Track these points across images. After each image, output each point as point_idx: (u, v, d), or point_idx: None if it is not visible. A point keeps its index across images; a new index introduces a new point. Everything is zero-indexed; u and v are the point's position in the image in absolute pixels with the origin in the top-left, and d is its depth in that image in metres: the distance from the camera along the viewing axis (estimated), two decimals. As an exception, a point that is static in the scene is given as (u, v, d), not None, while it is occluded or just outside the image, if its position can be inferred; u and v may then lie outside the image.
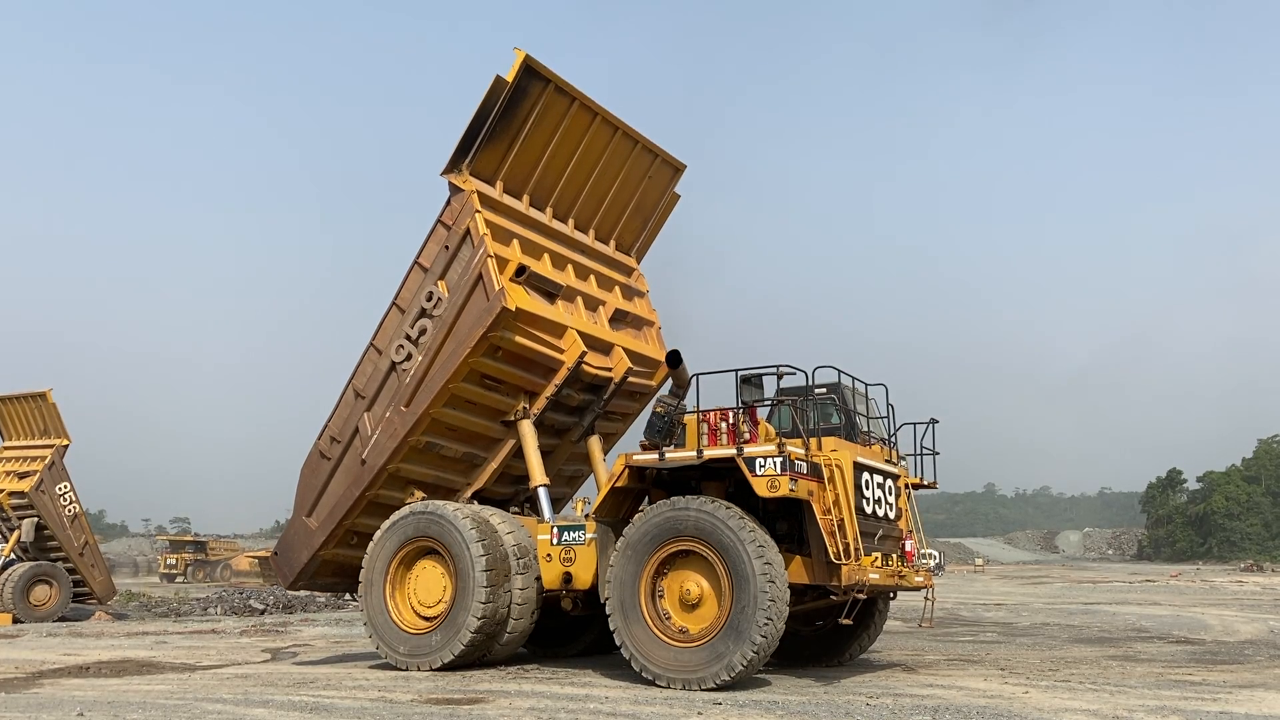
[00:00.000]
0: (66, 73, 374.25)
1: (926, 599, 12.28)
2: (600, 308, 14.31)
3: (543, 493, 13.29)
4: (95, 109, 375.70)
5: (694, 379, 11.75)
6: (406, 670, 12.27)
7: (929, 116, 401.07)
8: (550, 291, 13.40)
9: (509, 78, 12.44)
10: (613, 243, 14.95)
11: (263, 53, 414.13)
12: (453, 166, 12.85)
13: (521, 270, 12.84)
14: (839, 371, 11.87)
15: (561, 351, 13.28)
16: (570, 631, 13.87)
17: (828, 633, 12.76)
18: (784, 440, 10.67)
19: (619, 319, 14.60)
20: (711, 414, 11.40)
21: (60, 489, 27.16)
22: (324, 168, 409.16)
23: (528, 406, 13.55)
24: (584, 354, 13.28)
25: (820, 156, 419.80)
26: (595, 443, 14.46)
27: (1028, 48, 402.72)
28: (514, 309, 12.44)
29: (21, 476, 26.79)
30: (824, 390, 11.96)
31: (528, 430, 13.51)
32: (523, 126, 12.92)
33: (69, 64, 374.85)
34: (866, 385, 12.42)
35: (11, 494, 26.50)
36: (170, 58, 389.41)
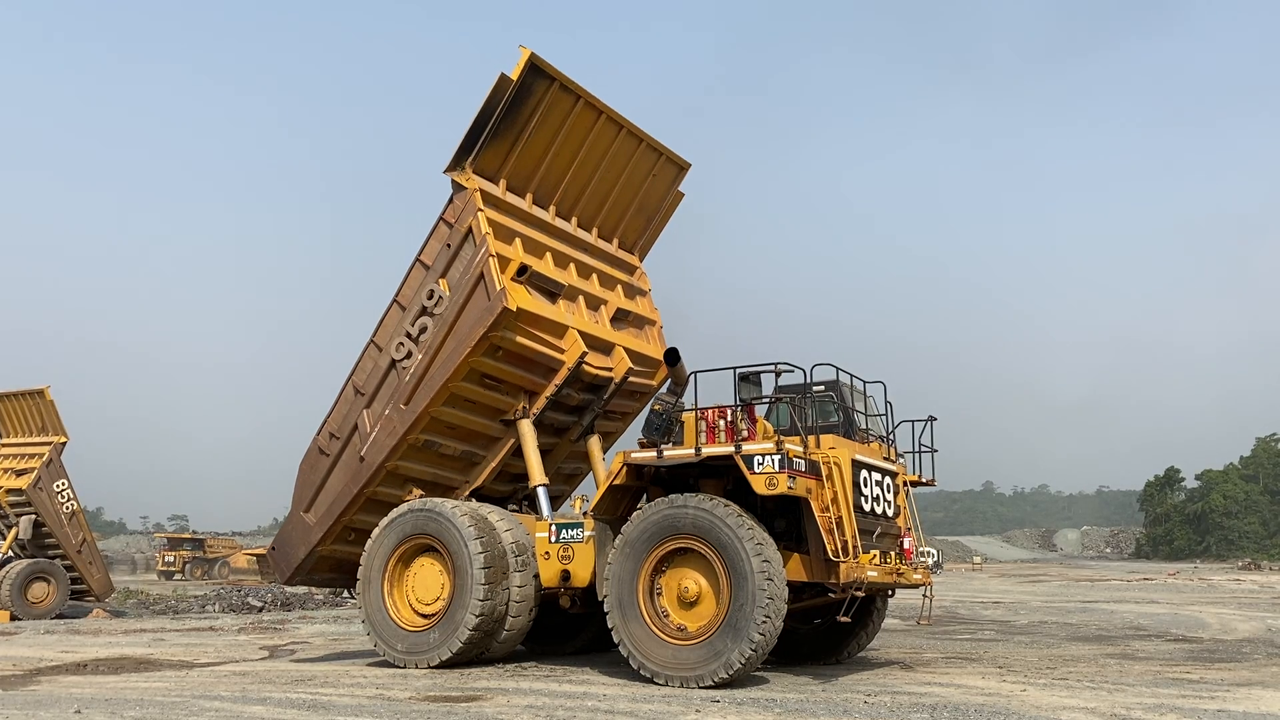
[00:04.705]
0: (68, 68, 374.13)
1: (925, 597, 12.27)
2: (602, 307, 14.26)
3: (542, 492, 13.25)
4: (94, 105, 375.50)
5: (692, 376, 11.75)
6: (404, 668, 12.27)
7: (931, 115, 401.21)
8: (552, 291, 13.34)
9: (514, 75, 12.34)
10: (616, 241, 14.89)
11: (265, 50, 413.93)
12: (456, 164, 12.77)
13: (523, 270, 12.78)
14: (837, 369, 11.88)
15: (562, 351, 13.21)
16: (568, 629, 13.87)
17: (826, 630, 12.77)
18: (782, 438, 10.67)
19: (621, 318, 14.54)
20: (710, 412, 11.40)
21: (58, 486, 27.14)
22: (325, 166, 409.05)
23: (527, 406, 13.50)
24: (584, 354, 13.22)
25: (821, 153, 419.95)
26: (595, 442, 14.42)
27: (1037, 61, 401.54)
28: (515, 309, 12.38)
29: (19, 474, 26.76)
30: (822, 388, 11.96)
31: (527, 429, 13.48)
32: (527, 125, 12.83)
33: (70, 60, 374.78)
34: (865, 383, 12.43)
35: (9, 491, 26.47)
36: (172, 54, 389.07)
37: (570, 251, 13.94)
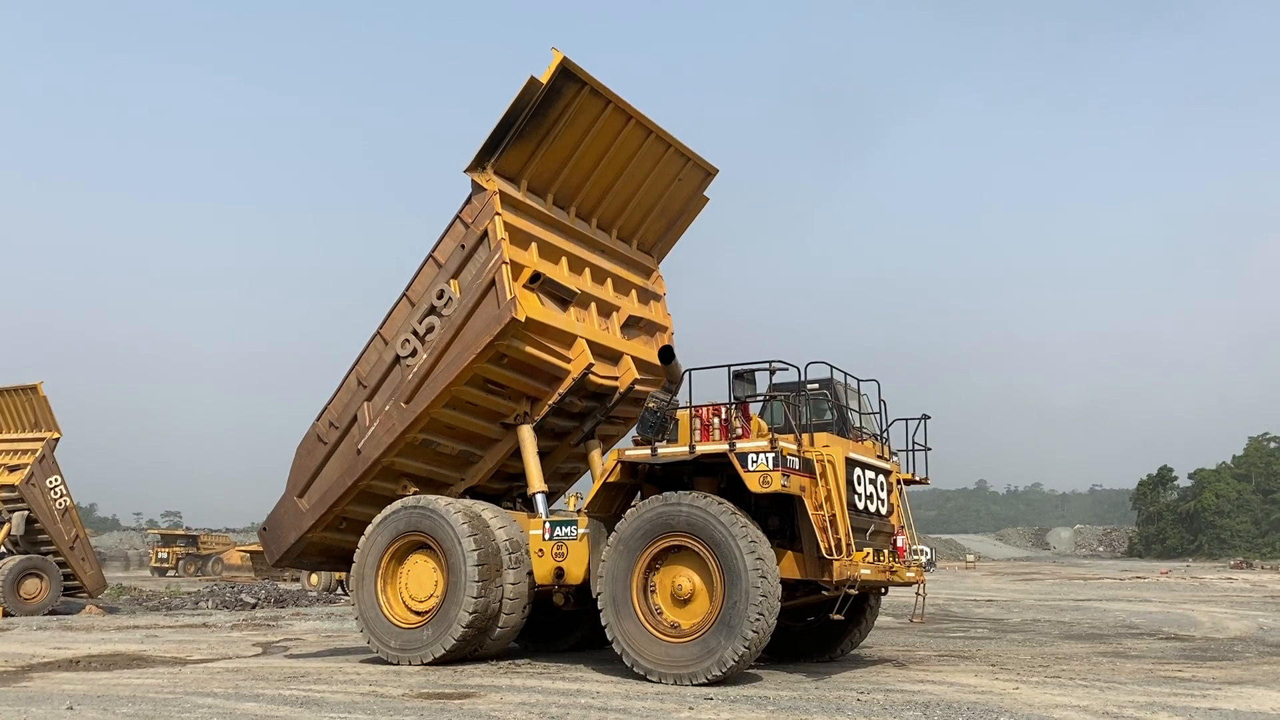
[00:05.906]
0: (69, 63, 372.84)
1: (918, 595, 12.30)
2: (614, 314, 14.08)
3: (540, 499, 13.15)
4: (92, 100, 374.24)
5: (686, 374, 11.74)
6: (398, 665, 12.26)
7: (927, 115, 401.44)
8: (564, 298, 13.19)
9: (543, 79, 12.11)
10: (635, 243, 14.72)
11: (267, 46, 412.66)
12: (477, 164, 12.58)
13: (536, 277, 12.66)
14: (831, 367, 11.87)
15: (569, 361, 13.06)
16: (562, 626, 13.87)
17: (819, 628, 12.78)
18: (776, 436, 10.67)
19: (632, 325, 14.37)
20: (704, 409, 11.39)
21: (51, 482, 27.09)
22: (316, 163, 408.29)
23: (529, 411, 13.41)
24: (590, 365, 13.08)
25: (815, 153, 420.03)
26: (595, 451, 14.29)
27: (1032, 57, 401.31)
28: (524, 319, 12.25)
29: (12, 469, 26.68)
30: (816, 386, 11.95)
31: (527, 435, 13.40)
32: (553, 127, 12.62)
33: (72, 55, 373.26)
34: (859, 381, 12.43)
35: (1, 487, 26.41)
36: (174, 50, 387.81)
37: (587, 255, 13.77)
